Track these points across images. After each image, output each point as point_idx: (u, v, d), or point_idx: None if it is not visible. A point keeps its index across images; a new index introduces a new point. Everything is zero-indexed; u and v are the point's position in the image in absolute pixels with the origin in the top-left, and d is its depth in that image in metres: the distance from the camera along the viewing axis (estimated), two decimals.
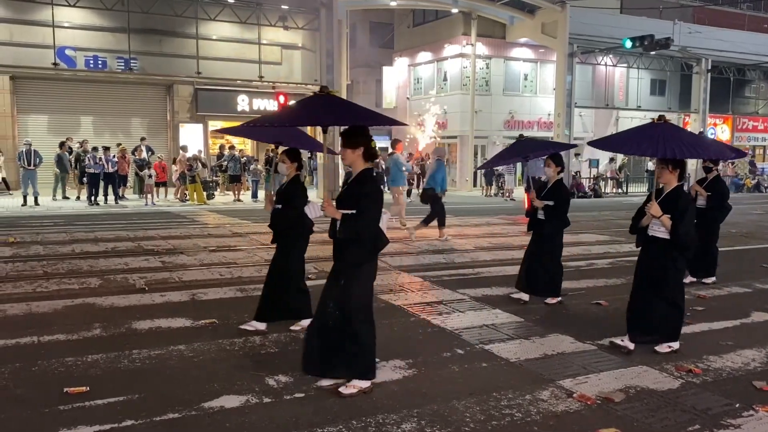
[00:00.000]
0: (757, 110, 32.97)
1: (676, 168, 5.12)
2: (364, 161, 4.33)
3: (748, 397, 4.26)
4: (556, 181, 6.82)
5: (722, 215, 8.18)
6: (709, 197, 7.96)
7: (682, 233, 4.96)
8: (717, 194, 7.95)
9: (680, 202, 5.02)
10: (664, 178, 5.18)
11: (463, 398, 4.19)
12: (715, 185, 8.01)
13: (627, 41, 23.58)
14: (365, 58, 33.09)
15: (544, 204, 6.75)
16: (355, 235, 4.19)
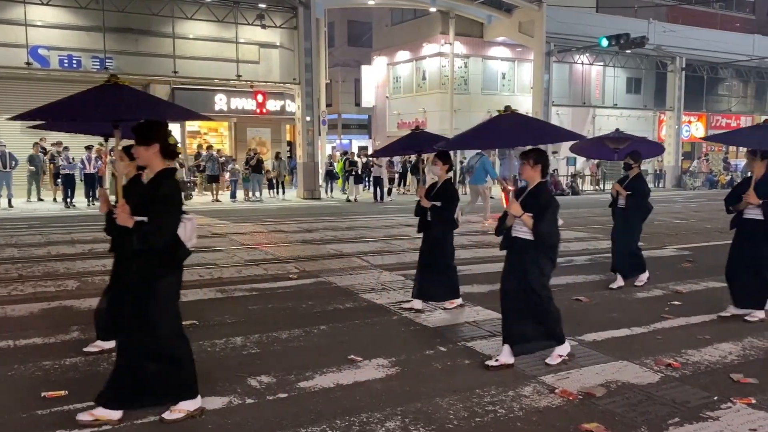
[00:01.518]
0: (730, 108, 33.52)
1: (537, 163, 4.78)
2: (161, 160, 3.81)
3: (726, 389, 4.33)
4: (444, 180, 6.38)
5: (643, 215, 7.81)
6: (629, 197, 7.56)
7: (541, 232, 4.59)
8: (637, 193, 7.55)
9: (541, 199, 4.69)
10: (526, 173, 4.84)
11: (446, 396, 4.20)
12: (635, 184, 7.59)
13: (603, 40, 23.85)
14: (344, 57, 33.07)
15: (431, 204, 6.30)
16: (147, 245, 3.63)
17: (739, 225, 6.21)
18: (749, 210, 6.03)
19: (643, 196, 7.63)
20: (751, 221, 6.04)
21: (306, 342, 5.41)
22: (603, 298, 7.06)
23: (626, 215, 7.66)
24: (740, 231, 6.23)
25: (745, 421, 3.82)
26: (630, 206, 7.61)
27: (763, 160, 6.01)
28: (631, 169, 7.64)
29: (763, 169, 6.00)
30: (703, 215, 16.59)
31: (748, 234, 6.10)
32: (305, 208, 18.76)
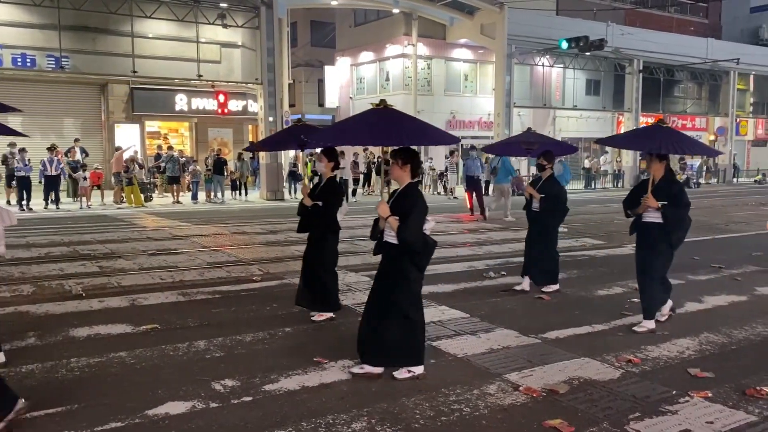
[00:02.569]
0: (686, 109, 34.43)
1: (406, 163, 4.50)
2: None
3: (684, 384, 4.44)
4: (329, 178, 5.99)
5: (559, 218, 7.48)
6: (543, 199, 7.20)
7: (404, 236, 4.30)
8: (550, 196, 7.20)
9: (407, 201, 4.41)
10: (394, 174, 4.58)
11: (412, 395, 4.21)
12: (549, 186, 7.25)
13: (563, 42, 24.23)
14: (307, 57, 32.91)
15: (313, 204, 5.95)
16: None
17: (639, 230, 5.98)
18: (648, 213, 5.80)
19: (557, 198, 7.27)
20: (650, 225, 5.81)
21: (271, 344, 5.36)
22: (565, 297, 7.17)
23: (541, 219, 7.31)
24: (640, 236, 5.98)
25: (702, 414, 3.92)
26: (544, 209, 7.24)
27: (662, 162, 5.81)
28: (544, 170, 7.31)
29: (661, 171, 5.80)
30: None
31: (648, 238, 5.87)
32: (269, 209, 18.60)
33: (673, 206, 5.66)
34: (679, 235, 5.78)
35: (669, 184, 5.76)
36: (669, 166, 5.86)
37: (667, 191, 5.70)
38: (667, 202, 5.65)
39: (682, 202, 5.70)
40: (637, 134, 6.35)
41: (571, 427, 3.73)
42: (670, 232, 5.70)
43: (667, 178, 5.80)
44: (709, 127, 35.56)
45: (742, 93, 35.77)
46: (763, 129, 38.01)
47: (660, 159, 5.77)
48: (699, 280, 8.14)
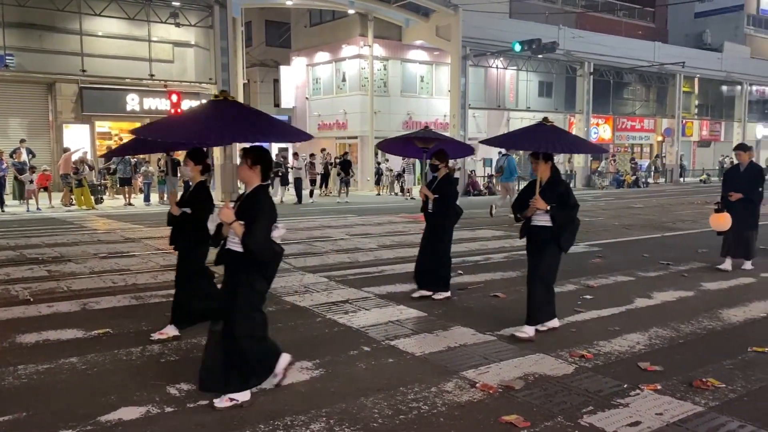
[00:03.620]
0: (635, 111, 35.40)
1: (256, 163, 4.13)
2: None
3: (634, 377, 4.57)
4: (198, 183, 5.42)
5: (453, 220, 7.07)
6: (437, 200, 6.84)
7: (249, 244, 3.95)
8: (444, 197, 6.87)
9: (255, 205, 4.09)
10: (242, 174, 4.22)
11: (371, 395, 4.22)
12: (443, 186, 6.90)
13: (516, 45, 24.62)
14: (262, 57, 32.60)
15: (181, 211, 5.41)
16: None
17: (529, 233, 5.76)
18: (537, 216, 5.60)
19: (451, 199, 6.95)
20: (539, 228, 5.61)
21: None
22: (520, 294, 7.25)
23: (435, 221, 6.96)
24: (530, 239, 5.76)
25: (652, 406, 4.05)
26: (438, 211, 6.89)
27: (548, 162, 5.63)
28: (438, 170, 6.97)
29: (548, 172, 5.62)
30: (611, 213, 17.43)
31: (538, 242, 5.66)
32: None
33: (560, 207, 5.49)
34: (568, 237, 5.61)
35: (556, 185, 5.60)
36: (555, 166, 5.70)
37: (554, 192, 5.53)
38: (556, 203, 5.49)
39: (570, 202, 5.53)
40: (520, 134, 6.11)
41: (526, 422, 3.80)
42: (560, 234, 5.52)
43: (553, 178, 5.65)
44: (656, 128, 36.65)
45: (688, 95, 36.97)
46: (708, 130, 39.37)
47: (546, 159, 5.62)
48: (648, 276, 8.38)
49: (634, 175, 32.20)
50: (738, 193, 8.44)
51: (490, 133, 31.08)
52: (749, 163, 8.65)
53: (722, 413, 3.94)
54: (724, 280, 8.08)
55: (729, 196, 8.53)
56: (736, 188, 8.54)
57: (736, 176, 8.72)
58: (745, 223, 8.50)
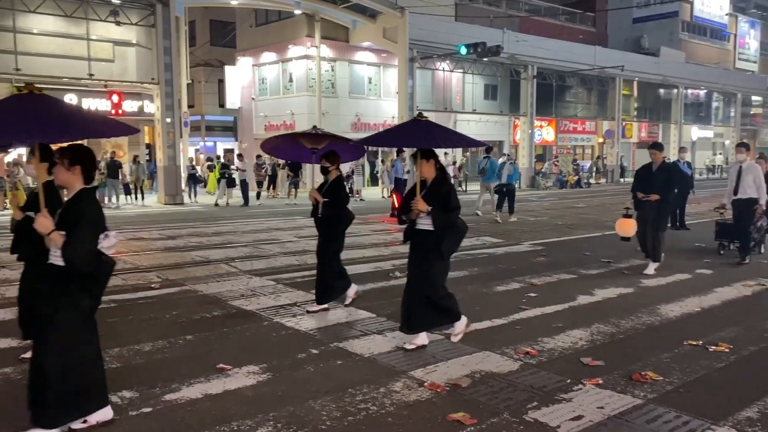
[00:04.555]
0: (576, 113, 36.35)
1: (75, 164, 3.70)
2: None
3: (577, 372, 4.69)
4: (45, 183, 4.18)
5: (344, 225, 6.65)
6: (326, 204, 6.43)
7: (68, 256, 3.50)
8: (335, 200, 6.44)
9: (77, 211, 3.61)
10: (61, 178, 3.76)
11: (319, 397, 4.19)
12: (334, 190, 6.47)
13: (462, 47, 24.93)
14: (206, 57, 32.04)
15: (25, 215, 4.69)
16: None
17: (413, 237, 5.29)
18: (421, 219, 5.14)
19: (341, 203, 6.51)
20: (424, 232, 5.16)
21: (171, 353, 5.18)
22: (467, 294, 7.37)
23: (326, 226, 6.57)
24: (413, 245, 5.32)
25: (594, 401, 4.16)
26: (328, 215, 6.49)
27: (430, 161, 5.22)
28: (329, 172, 6.54)
29: (432, 171, 5.22)
30: (554, 213, 17.84)
31: (421, 247, 5.23)
32: (167, 214, 17.95)
33: (442, 210, 5.08)
34: (450, 243, 5.17)
35: (439, 186, 5.19)
36: (441, 165, 5.31)
37: (437, 194, 5.13)
38: (439, 206, 5.09)
39: (450, 205, 5.10)
40: (396, 131, 5.70)
41: (473, 419, 3.85)
42: (441, 239, 5.09)
43: (438, 178, 5.23)
44: (597, 130, 37.73)
45: (627, 98, 38.19)
46: (646, 132, 40.77)
47: (427, 157, 5.21)
48: (590, 274, 8.61)
49: (577, 175, 33.06)
50: (655, 195, 8.35)
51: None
52: (662, 163, 8.67)
53: (660, 405, 4.08)
54: (662, 276, 8.37)
55: (645, 197, 8.42)
56: (649, 188, 8.46)
57: (649, 176, 8.61)
58: (656, 225, 8.49)
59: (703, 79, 42.18)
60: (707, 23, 48.88)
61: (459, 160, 30.66)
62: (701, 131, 43.20)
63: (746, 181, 9.14)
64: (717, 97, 44.77)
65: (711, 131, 44.66)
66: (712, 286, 7.74)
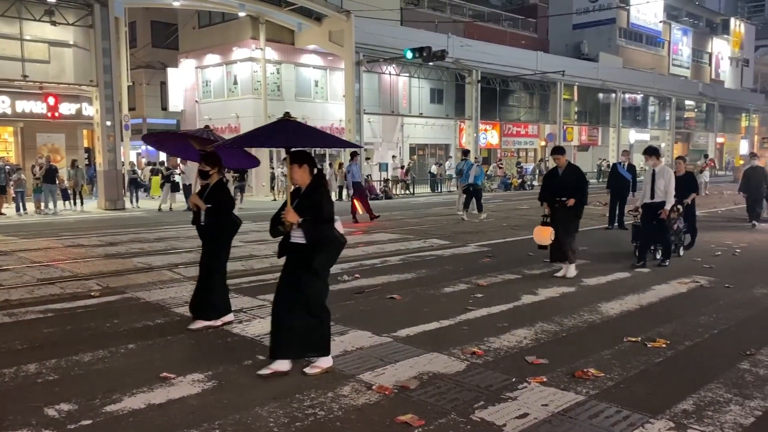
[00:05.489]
0: (519, 117, 37.11)
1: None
2: None
3: (522, 371, 4.77)
4: None
5: (227, 234, 6.08)
6: (209, 211, 5.88)
7: None
8: (217, 206, 5.89)
9: None
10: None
11: (266, 404, 4.14)
12: (215, 195, 5.92)
13: (408, 52, 25.11)
14: (148, 59, 31.30)
15: None
16: None
17: (288, 252, 4.73)
18: (295, 232, 4.63)
19: (225, 209, 5.97)
20: (297, 246, 4.65)
21: (112, 363, 5.02)
22: (415, 295, 7.43)
23: (209, 235, 6.02)
24: (287, 260, 4.77)
25: (539, 398, 4.24)
26: (210, 223, 5.92)
27: (303, 165, 4.69)
28: (209, 176, 5.96)
29: (306, 177, 4.71)
30: (500, 214, 18.14)
31: (293, 264, 4.71)
32: (108, 219, 17.43)
33: (315, 221, 4.58)
34: (324, 257, 4.66)
35: (312, 193, 4.69)
36: (319, 171, 4.84)
37: (310, 203, 4.64)
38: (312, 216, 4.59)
39: (322, 216, 4.59)
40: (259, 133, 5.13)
41: (421, 420, 3.87)
42: (314, 253, 4.58)
43: (312, 185, 4.72)
44: (540, 133, 38.60)
45: (568, 102, 39.25)
46: (587, 135, 41.97)
47: (299, 161, 4.70)
48: (534, 274, 8.79)
49: (521, 178, 33.75)
50: (571, 198, 8.25)
51: (386, 138, 31.52)
52: (567, 165, 8.55)
53: (602, 401, 4.19)
54: (602, 275, 8.62)
55: (562, 201, 8.30)
56: (558, 192, 8.39)
57: (556, 180, 8.53)
58: (567, 228, 8.40)
59: (640, 84, 43.77)
60: (643, 30, 50.72)
61: (407, 163, 30.86)
62: (638, 134, 44.76)
63: (658, 185, 9.14)
64: (653, 102, 46.54)
65: (648, 134, 46.32)
66: (650, 284, 8.01)
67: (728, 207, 19.01)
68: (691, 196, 10.50)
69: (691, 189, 10.48)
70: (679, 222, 10.01)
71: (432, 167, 31.95)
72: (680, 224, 10.06)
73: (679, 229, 10.07)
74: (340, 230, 4.80)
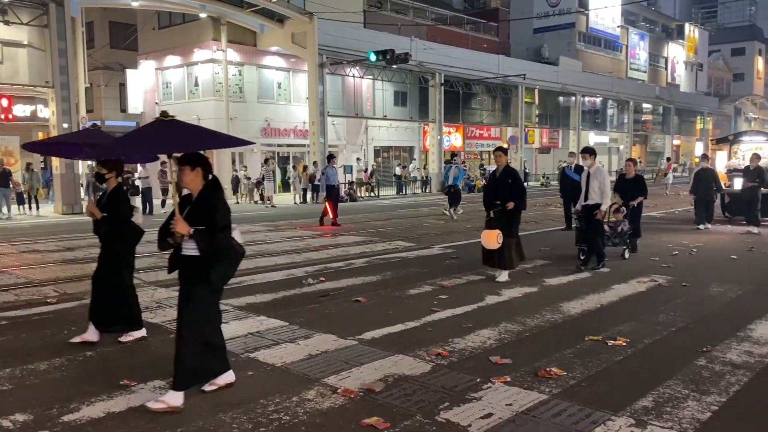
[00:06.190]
0: (482, 120, 37.49)
1: None
2: None
3: (486, 371, 4.81)
4: None
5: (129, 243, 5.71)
6: (105, 219, 5.46)
7: None
8: (114, 214, 5.49)
9: None
10: None
11: (229, 410, 4.08)
12: (113, 201, 5.53)
13: (371, 54, 25.16)
14: (106, 60, 30.66)
15: None
16: None
17: (179, 266, 4.31)
18: (186, 243, 4.18)
19: (122, 217, 5.52)
20: (189, 259, 4.22)
21: (70, 371, 4.89)
22: (380, 298, 7.42)
23: (108, 244, 5.61)
24: (180, 275, 4.33)
25: (503, 398, 4.28)
26: (109, 232, 5.53)
27: (195, 169, 4.24)
28: (107, 181, 5.53)
29: (199, 182, 4.26)
30: (464, 216, 18.27)
31: (186, 278, 4.29)
32: (65, 224, 17.00)
33: (207, 230, 4.13)
34: (221, 269, 4.24)
35: (205, 200, 4.22)
36: (214, 178, 4.33)
37: (202, 210, 4.19)
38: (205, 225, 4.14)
39: (216, 224, 4.16)
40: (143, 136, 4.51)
41: (386, 423, 3.86)
42: (209, 266, 4.16)
43: (205, 191, 4.25)
44: (502, 136, 39.06)
45: (529, 106, 39.82)
46: (548, 138, 42.64)
47: (191, 164, 4.23)
48: (497, 274, 8.86)
49: (484, 180, 34.06)
50: (511, 202, 8.11)
51: (350, 141, 31.48)
52: (504, 168, 8.33)
53: (564, 399, 4.25)
54: (563, 275, 8.76)
55: (502, 206, 8.17)
56: (496, 195, 8.28)
57: (493, 182, 8.43)
58: (507, 231, 8.23)
59: (599, 88, 44.68)
60: (601, 34, 51.79)
61: (371, 165, 30.87)
62: (598, 136, 45.66)
63: (593, 187, 9.08)
64: (611, 105, 47.56)
65: (607, 137, 47.31)
66: (610, 284, 8.16)
67: (685, 207, 19.51)
68: (638, 199, 10.48)
69: (640, 192, 10.48)
70: (623, 224, 9.97)
71: (396, 169, 32.03)
72: (624, 226, 9.99)
73: (623, 231, 10.00)
74: (238, 239, 4.36)
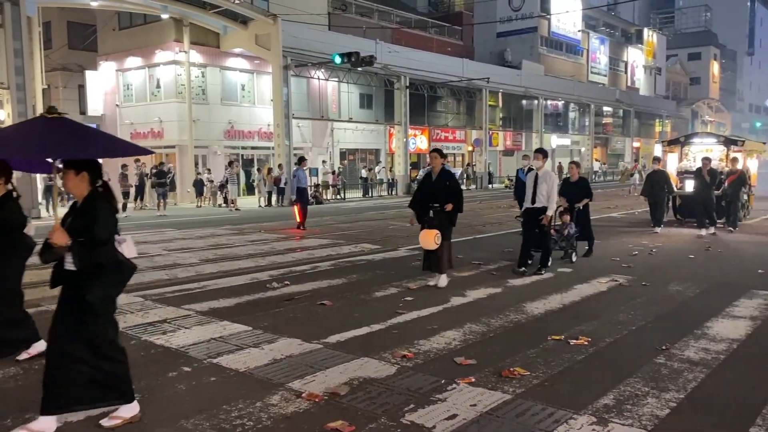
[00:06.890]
0: (447, 123, 37.75)
1: None
2: None
3: (451, 372, 4.83)
4: None
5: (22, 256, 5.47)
6: None
7: None
8: (4, 223, 5.15)
9: None
10: None
11: (191, 416, 4.02)
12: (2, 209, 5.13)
13: (336, 57, 25.10)
14: (64, 61, 29.97)
15: None
16: None
17: (61, 281, 3.85)
18: (68, 256, 3.75)
19: (13, 227, 5.19)
20: (71, 275, 3.78)
21: (25, 380, 4.75)
22: (346, 301, 7.40)
23: None
24: (63, 292, 3.87)
25: (467, 399, 4.30)
26: None
27: (81, 173, 3.81)
28: None
29: (85, 188, 3.84)
30: None
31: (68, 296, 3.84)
32: None
33: (86, 242, 3.69)
34: (101, 287, 3.76)
35: (85, 208, 3.81)
36: (105, 183, 3.91)
37: (83, 220, 3.75)
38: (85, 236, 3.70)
39: (95, 236, 3.69)
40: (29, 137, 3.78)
41: (351, 426, 3.84)
42: (89, 283, 3.73)
43: (89, 198, 3.83)
44: (467, 138, 39.39)
45: (493, 109, 40.25)
46: (511, 140, 43.12)
47: (76, 168, 3.79)
48: (462, 276, 8.93)
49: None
50: (449, 204, 7.97)
51: (316, 143, 31.35)
52: (441, 170, 8.16)
53: (528, 399, 4.29)
54: (527, 276, 8.85)
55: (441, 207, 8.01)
56: (434, 197, 8.07)
57: (429, 184, 8.27)
58: (445, 233, 8.09)
59: (561, 91, 45.43)
60: (563, 39, 52.65)
61: (337, 168, 30.81)
62: (560, 139, 46.39)
63: (540, 190, 8.85)
64: (573, 108, 48.39)
65: (569, 139, 48.09)
66: (572, 284, 8.29)
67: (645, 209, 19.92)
68: (584, 201, 10.40)
69: (585, 194, 10.42)
70: (570, 227, 10.01)
71: (362, 171, 32.02)
72: (571, 230, 10.02)
73: (570, 234, 10.02)
74: (130, 252, 3.94)
